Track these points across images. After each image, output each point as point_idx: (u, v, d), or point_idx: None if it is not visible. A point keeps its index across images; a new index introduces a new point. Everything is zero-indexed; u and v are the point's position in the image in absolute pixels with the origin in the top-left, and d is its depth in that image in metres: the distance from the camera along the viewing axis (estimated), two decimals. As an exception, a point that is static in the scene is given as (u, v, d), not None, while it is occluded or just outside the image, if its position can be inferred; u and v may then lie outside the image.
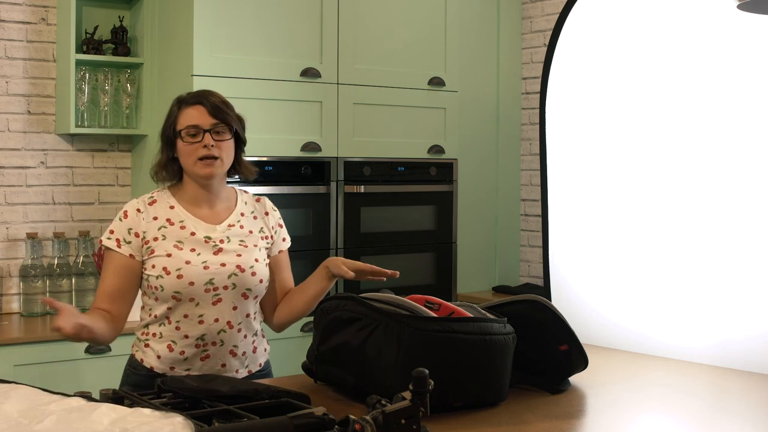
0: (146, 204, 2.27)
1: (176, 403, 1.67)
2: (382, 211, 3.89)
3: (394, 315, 1.92)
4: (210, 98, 2.25)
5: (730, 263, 2.57)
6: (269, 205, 2.43)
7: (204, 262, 2.21)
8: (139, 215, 2.25)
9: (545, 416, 1.90)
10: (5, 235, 3.64)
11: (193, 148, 2.21)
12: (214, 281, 2.20)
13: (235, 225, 2.30)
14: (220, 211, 2.31)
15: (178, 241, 2.22)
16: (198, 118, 2.22)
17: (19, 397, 1.53)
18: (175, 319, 2.22)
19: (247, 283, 2.24)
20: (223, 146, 2.23)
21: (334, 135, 3.73)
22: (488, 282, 4.70)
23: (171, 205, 2.28)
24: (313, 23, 3.67)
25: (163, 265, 2.19)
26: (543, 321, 2.15)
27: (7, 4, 3.63)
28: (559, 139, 3.08)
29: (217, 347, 2.23)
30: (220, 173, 2.25)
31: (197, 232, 2.25)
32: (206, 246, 2.23)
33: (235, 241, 2.27)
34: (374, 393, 1.48)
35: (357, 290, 3.69)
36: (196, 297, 2.20)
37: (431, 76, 4.00)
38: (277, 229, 2.40)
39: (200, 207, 2.29)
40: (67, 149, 3.75)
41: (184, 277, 2.18)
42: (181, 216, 2.26)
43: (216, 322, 2.22)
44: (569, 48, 3.04)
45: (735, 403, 2.16)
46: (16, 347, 3.15)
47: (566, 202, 3.06)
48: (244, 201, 2.37)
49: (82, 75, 3.62)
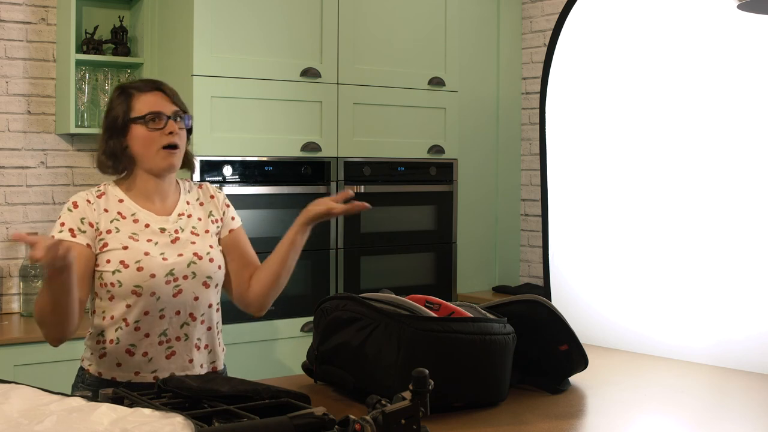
0: (95, 196, 2.16)
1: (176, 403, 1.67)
2: (382, 211, 3.89)
3: (394, 315, 1.92)
4: (164, 85, 2.19)
5: (730, 263, 2.57)
6: (213, 188, 2.33)
7: (162, 253, 2.12)
8: (89, 206, 2.13)
9: (545, 416, 1.90)
10: (5, 235, 3.64)
11: (155, 135, 2.12)
12: (174, 272, 2.11)
13: (184, 214, 2.22)
14: (167, 202, 2.21)
15: (132, 233, 2.12)
16: (160, 105, 2.14)
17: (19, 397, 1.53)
18: (133, 319, 2.09)
19: (206, 270, 2.16)
20: (182, 134, 2.17)
21: (334, 135, 3.73)
22: (488, 282, 4.70)
23: (120, 199, 2.18)
24: (313, 23, 3.67)
25: (119, 258, 2.08)
26: (543, 321, 2.15)
27: (7, 4, 3.63)
28: (559, 139, 3.08)
29: (181, 342, 2.14)
30: (179, 164, 2.18)
31: (151, 223, 2.15)
32: (162, 236, 2.15)
33: (188, 230, 2.19)
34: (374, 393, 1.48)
35: (357, 290, 3.70)
36: (157, 290, 2.09)
37: (431, 76, 4.00)
38: (225, 209, 2.30)
39: (151, 200, 2.19)
40: (67, 149, 3.75)
41: (144, 269, 2.08)
42: (131, 209, 2.16)
43: (177, 315, 2.13)
44: (569, 48, 3.04)
45: (735, 403, 2.16)
46: (16, 347, 3.15)
47: (566, 202, 3.06)
48: (187, 189, 2.28)
49: (82, 75, 3.62)
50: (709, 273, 2.62)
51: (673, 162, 2.72)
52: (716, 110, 2.62)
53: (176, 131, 2.13)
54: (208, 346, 2.21)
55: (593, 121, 2.98)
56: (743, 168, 2.55)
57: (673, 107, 2.73)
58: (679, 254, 2.69)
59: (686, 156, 2.69)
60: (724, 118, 2.60)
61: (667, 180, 2.74)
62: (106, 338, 2.12)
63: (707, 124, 2.64)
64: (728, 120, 2.59)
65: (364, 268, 3.83)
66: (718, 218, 2.60)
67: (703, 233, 2.63)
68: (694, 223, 2.66)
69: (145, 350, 2.11)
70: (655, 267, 2.76)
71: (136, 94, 2.15)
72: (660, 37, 2.78)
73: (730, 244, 2.57)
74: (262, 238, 3.53)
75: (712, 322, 2.59)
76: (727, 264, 2.57)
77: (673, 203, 2.72)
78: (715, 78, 2.62)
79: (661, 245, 2.75)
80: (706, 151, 2.64)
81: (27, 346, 3.17)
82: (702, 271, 2.63)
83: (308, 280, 3.69)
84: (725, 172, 2.59)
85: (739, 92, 2.56)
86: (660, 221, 2.75)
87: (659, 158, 2.77)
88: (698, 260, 2.64)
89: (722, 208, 2.59)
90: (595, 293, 2.94)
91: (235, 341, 3.32)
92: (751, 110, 2.53)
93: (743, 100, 2.55)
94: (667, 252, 2.73)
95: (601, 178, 2.95)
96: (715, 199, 2.61)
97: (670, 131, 2.74)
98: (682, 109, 2.71)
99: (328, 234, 3.73)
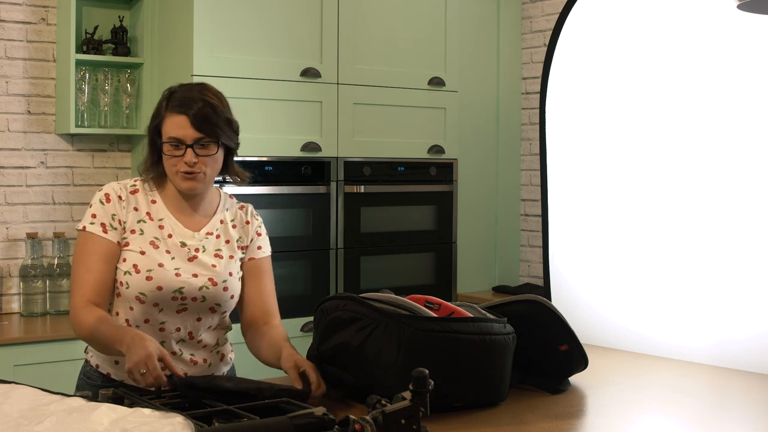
0: (128, 192, 2.12)
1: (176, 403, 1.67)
2: (382, 211, 3.89)
3: (394, 315, 1.92)
4: (196, 104, 2.04)
5: (730, 263, 2.57)
6: (251, 213, 2.27)
7: (177, 268, 2.07)
8: (120, 202, 2.09)
9: (545, 416, 1.90)
10: (5, 235, 3.64)
11: (174, 161, 2.05)
12: (183, 290, 2.07)
13: (213, 233, 2.16)
14: (200, 216, 2.16)
15: (155, 238, 2.08)
16: (180, 130, 2.03)
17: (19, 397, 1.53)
18: (134, 322, 2.07)
19: (217, 298, 2.11)
20: (208, 161, 2.06)
21: (334, 135, 3.73)
22: (488, 282, 4.70)
23: (153, 200, 2.13)
24: (313, 23, 3.67)
25: (134, 261, 2.05)
26: (543, 321, 2.15)
27: (7, 4, 3.63)
28: (559, 139, 3.08)
29: (176, 357, 2.09)
30: (201, 187, 2.10)
31: (174, 234, 2.11)
32: (181, 251, 2.10)
33: (211, 251, 2.13)
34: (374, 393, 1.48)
35: (357, 290, 3.70)
36: (161, 303, 2.06)
37: (431, 76, 4.00)
38: (254, 237, 2.24)
39: (182, 209, 2.14)
40: (67, 149, 3.75)
41: (153, 280, 2.05)
42: (161, 213, 2.12)
43: (178, 332, 2.10)
44: (569, 48, 3.04)
45: (735, 403, 2.16)
46: (16, 347, 3.15)
47: (566, 202, 3.06)
48: (226, 207, 2.22)
49: (82, 75, 3.62)
50: (709, 273, 2.62)
51: (673, 162, 2.72)
52: (716, 110, 2.62)
53: (192, 160, 2.03)
54: (206, 360, 2.17)
55: (593, 121, 2.98)
56: (743, 168, 2.55)
57: (673, 107, 2.73)
58: (679, 254, 2.69)
59: (686, 156, 2.69)
60: (724, 119, 2.60)
61: (667, 180, 2.74)
62: None
63: (707, 124, 2.64)
64: (728, 120, 2.59)
65: (364, 268, 3.83)
66: (717, 218, 2.60)
67: (703, 233, 2.63)
68: (693, 223, 2.66)
69: None
70: (655, 267, 2.76)
71: (168, 113, 2.06)
72: (660, 37, 2.78)
73: (729, 244, 2.57)
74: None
75: (712, 322, 2.59)
76: (726, 264, 2.57)
77: (672, 203, 2.72)
78: (715, 78, 2.62)
79: (661, 245, 2.75)
80: (706, 151, 2.64)
81: (27, 346, 3.17)
82: (702, 271, 2.63)
83: (308, 280, 3.69)
84: (725, 172, 2.59)
85: (739, 92, 2.56)
86: (660, 221, 2.75)
87: (659, 158, 2.77)
88: (698, 260, 2.64)
89: (722, 209, 2.59)
90: (595, 293, 2.94)
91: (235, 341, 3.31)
92: (751, 110, 2.53)
93: (743, 100, 2.55)
94: (667, 252, 2.73)
95: (601, 178, 2.95)
96: (714, 199, 2.61)
97: (670, 131, 2.74)
98: (682, 109, 2.71)
99: (329, 234, 3.73)
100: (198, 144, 2.04)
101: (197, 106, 2.04)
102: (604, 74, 2.95)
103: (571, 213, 3.04)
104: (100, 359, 2.13)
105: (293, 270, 3.67)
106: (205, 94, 2.08)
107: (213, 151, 2.06)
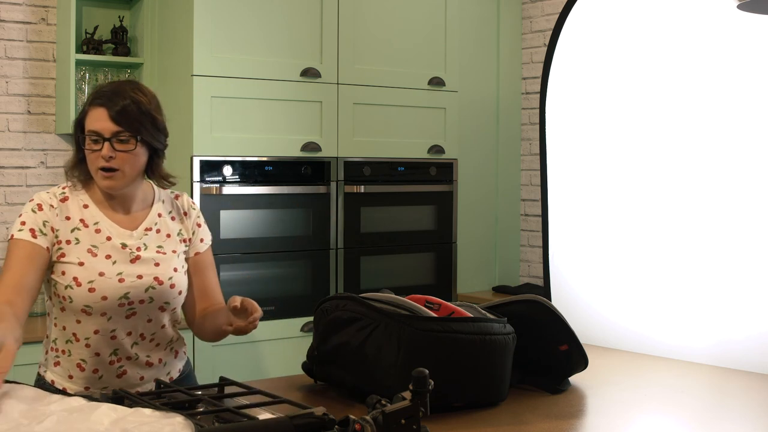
0: (58, 200, 2.04)
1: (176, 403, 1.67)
2: (382, 211, 3.89)
3: (394, 315, 1.92)
4: (120, 99, 1.98)
5: (730, 263, 2.57)
6: (188, 204, 2.20)
7: (119, 273, 2.01)
8: (52, 210, 2.02)
9: (545, 416, 1.90)
10: (5, 235, 3.64)
11: (93, 156, 1.98)
12: (129, 295, 2.01)
13: (152, 228, 2.10)
14: (136, 213, 2.10)
15: (92, 246, 2.02)
16: (99, 123, 1.97)
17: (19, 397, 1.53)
18: (84, 335, 2.02)
19: (165, 296, 2.06)
20: (126, 157, 1.98)
21: (334, 135, 3.73)
22: (488, 282, 4.70)
23: (85, 204, 2.06)
24: (313, 23, 3.68)
25: (73, 274, 1.99)
26: (543, 321, 2.15)
27: (7, 4, 3.63)
28: (559, 139, 3.08)
29: (132, 361, 2.06)
30: (121, 186, 2.02)
31: (113, 237, 2.04)
32: (123, 253, 2.03)
33: (153, 248, 2.07)
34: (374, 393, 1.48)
35: (357, 290, 3.70)
36: (109, 311, 2.01)
37: (431, 76, 4.00)
38: (195, 229, 2.18)
39: (115, 209, 2.08)
40: (67, 149, 3.75)
41: (96, 291, 1.98)
42: (96, 217, 2.05)
43: (129, 336, 2.05)
44: (569, 48, 3.04)
45: (735, 403, 2.16)
46: (16, 347, 3.14)
47: (566, 202, 3.06)
48: (162, 200, 2.15)
49: (82, 75, 3.62)
50: (708, 273, 2.62)
51: (673, 162, 2.73)
52: (716, 110, 2.62)
53: (108, 154, 1.96)
54: (161, 360, 2.13)
55: (593, 121, 2.98)
56: (743, 168, 2.55)
57: (673, 107, 2.73)
58: (679, 254, 2.69)
59: (686, 156, 2.69)
60: (724, 119, 2.60)
61: (667, 180, 2.74)
62: (58, 347, 2.08)
63: (707, 124, 2.64)
64: (728, 120, 2.59)
65: (364, 268, 3.83)
66: (717, 218, 2.60)
67: (703, 233, 2.63)
68: (693, 223, 2.66)
69: (96, 367, 2.05)
70: (655, 267, 2.76)
71: (89, 108, 2.00)
72: (660, 37, 2.78)
73: (729, 244, 2.57)
74: (262, 238, 3.53)
75: (712, 322, 2.59)
76: (726, 264, 2.57)
77: (672, 203, 2.72)
78: (715, 78, 2.62)
79: (661, 245, 2.75)
80: (706, 151, 2.64)
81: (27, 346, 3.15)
82: (702, 271, 2.63)
83: (308, 280, 3.69)
84: (725, 172, 2.59)
85: (739, 92, 2.57)
86: (660, 221, 2.75)
87: (659, 158, 2.77)
88: (698, 260, 2.64)
89: (722, 209, 2.59)
90: (595, 293, 2.94)
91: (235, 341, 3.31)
92: (751, 110, 2.53)
93: (743, 100, 2.55)
94: (667, 252, 2.73)
95: (601, 178, 2.95)
96: (714, 199, 2.61)
97: (670, 131, 2.74)
98: (682, 109, 2.71)
99: (328, 234, 3.73)
100: (116, 138, 1.97)
101: (120, 101, 1.98)
102: (604, 74, 2.95)
103: (571, 213, 3.05)
104: (56, 375, 2.09)
105: (293, 270, 3.67)
106: (133, 91, 2.02)
107: (131, 147, 1.98)
